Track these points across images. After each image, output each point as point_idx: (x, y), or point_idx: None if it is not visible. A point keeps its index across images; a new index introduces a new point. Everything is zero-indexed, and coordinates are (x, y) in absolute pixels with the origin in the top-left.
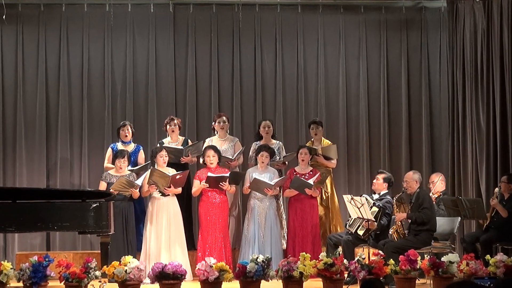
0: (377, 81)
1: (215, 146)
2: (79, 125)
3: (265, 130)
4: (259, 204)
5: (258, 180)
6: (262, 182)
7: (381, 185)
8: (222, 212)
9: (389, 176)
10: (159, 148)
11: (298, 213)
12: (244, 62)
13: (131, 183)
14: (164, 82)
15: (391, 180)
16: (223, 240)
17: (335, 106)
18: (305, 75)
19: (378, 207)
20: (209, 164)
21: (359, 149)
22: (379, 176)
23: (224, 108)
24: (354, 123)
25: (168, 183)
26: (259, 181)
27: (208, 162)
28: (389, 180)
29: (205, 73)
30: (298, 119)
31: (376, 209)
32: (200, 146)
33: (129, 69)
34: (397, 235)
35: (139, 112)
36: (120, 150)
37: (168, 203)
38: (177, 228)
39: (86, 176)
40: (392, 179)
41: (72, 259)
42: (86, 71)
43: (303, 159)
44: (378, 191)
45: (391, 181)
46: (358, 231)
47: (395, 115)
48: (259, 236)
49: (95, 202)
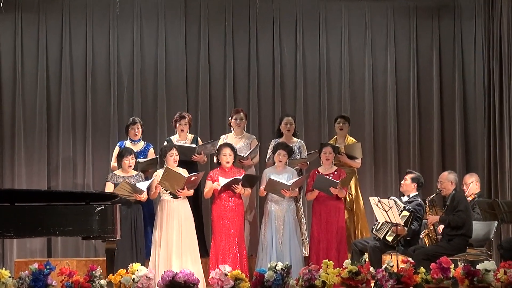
0: (406, 73)
1: (231, 145)
2: (83, 121)
3: (287, 127)
4: (276, 207)
5: (274, 181)
6: (278, 183)
7: (410, 186)
8: (237, 215)
9: (418, 176)
10: (169, 146)
11: (322, 217)
12: (261, 53)
13: (135, 188)
14: (174, 75)
15: (420, 180)
16: (238, 246)
17: (361, 100)
18: (327, 67)
19: (409, 211)
20: (225, 163)
21: (387, 147)
22: (407, 176)
23: (240, 103)
24: (381, 119)
25: (183, 185)
26: (275, 182)
27: (224, 161)
28: (418, 180)
29: (219, 65)
30: (320, 115)
31: (407, 214)
32: (216, 144)
33: (137, 61)
34: (429, 240)
35: (147, 107)
36: (125, 148)
37: (179, 206)
38: (188, 233)
39: (90, 176)
40: (421, 179)
41: (75, 266)
42: (90, 63)
43: (328, 158)
44: (406, 192)
45: (420, 181)
46: (387, 237)
47: (425, 110)
48: (277, 242)
49: (100, 205)
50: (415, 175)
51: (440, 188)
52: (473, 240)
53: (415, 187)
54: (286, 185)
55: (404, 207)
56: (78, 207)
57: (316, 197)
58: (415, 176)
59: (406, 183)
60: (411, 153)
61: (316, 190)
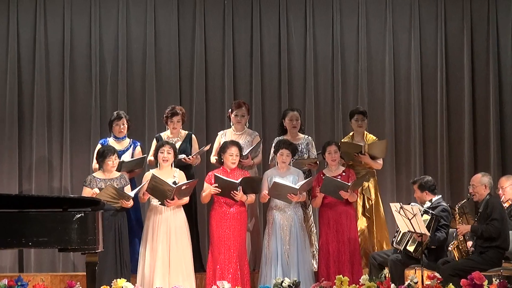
0: (433, 60)
1: (239, 144)
2: (60, 115)
3: (292, 123)
4: (281, 215)
5: (279, 184)
6: (284, 186)
7: (423, 196)
8: (239, 224)
9: (424, 182)
10: (162, 143)
11: (331, 225)
12: (265, 38)
13: (122, 194)
14: (166, 62)
15: (428, 183)
16: (239, 260)
17: (380, 92)
18: (342, 53)
19: (429, 214)
20: (230, 164)
21: (410, 146)
22: (414, 187)
23: (241, 95)
24: (404, 113)
25: (171, 195)
26: (280, 185)
27: (230, 161)
28: (426, 185)
29: (217, 51)
30: (333, 109)
31: (427, 217)
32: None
33: (122, 45)
34: (458, 253)
35: (134, 99)
36: (106, 147)
37: (172, 214)
38: (181, 245)
39: (68, 179)
40: (429, 181)
41: (51, 282)
42: (67, 47)
43: (334, 158)
44: (424, 202)
45: (428, 185)
46: (408, 247)
47: (455, 102)
48: (283, 255)
49: (80, 212)
50: (420, 181)
51: (472, 192)
52: (510, 253)
53: (428, 193)
54: (294, 188)
55: (425, 210)
56: (54, 214)
57: (324, 202)
58: (421, 182)
59: (417, 195)
60: (438, 153)
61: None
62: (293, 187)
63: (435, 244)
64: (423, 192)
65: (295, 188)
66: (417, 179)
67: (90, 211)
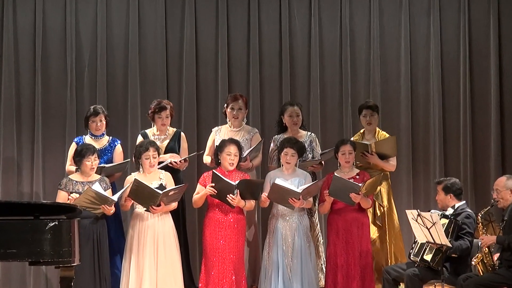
0: (455, 47)
1: (239, 142)
2: (30, 110)
3: (293, 120)
4: (284, 223)
5: (279, 187)
6: (285, 189)
7: (446, 199)
8: (236, 234)
9: (451, 184)
10: (145, 146)
11: (340, 235)
12: (264, 23)
13: (104, 198)
14: (151, 50)
15: (454, 186)
16: (235, 274)
17: (395, 83)
18: (351, 40)
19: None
20: (228, 164)
21: (429, 145)
22: (438, 188)
23: (237, 87)
24: (422, 108)
25: (158, 201)
26: (279, 188)
27: (228, 161)
28: (452, 188)
29: (209, 38)
30: (341, 103)
31: (445, 221)
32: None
33: (101, 31)
34: (483, 267)
35: (115, 92)
36: (84, 145)
37: (159, 220)
38: (170, 256)
39: (40, 183)
40: (456, 185)
41: None
42: (39, 33)
43: (347, 160)
44: (446, 207)
45: (455, 187)
46: (424, 256)
47: (480, 96)
48: (285, 269)
49: (53, 220)
50: (446, 182)
51: (496, 198)
52: None
53: (452, 197)
54: (295, 192)
55: (443, 214)
56: (24, 223)
57: (333, 208)
58: (447, 184)
59: (440, 197)
60: (461, 152)
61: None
62: (295, 191)
63: (456, 252)
64: (448, 195)
65: (296, 192)
66: (442, 180)
67: (65, 219)
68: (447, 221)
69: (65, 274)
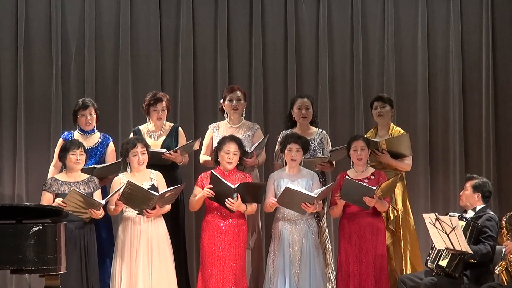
0: (476, 35)
1: (239, 140)
2: (12, 104)
3: (302, 113)
4: (291, 228)
5: (293, 191)
6: (299, 193)
7: (472, 198)
8: (237, 240)
9: (482, 183)
10: (132, 142)
11: (353, 241)
12: (268, 8)
13: (90, 202)
14: (144, 38)
15: (486, 188)
16: (236, 284)
17: (411, 75)
18: (364, 27)
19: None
20: (226, 163)
21: (449, 143)
22: (467, 184)
23: (238, 78)
24: (441, 102)
25: (153, 204)
26: (293, 192)
27: (226, 160)
28: (482, 188)
29: (207, 25)
30: (352, 96)
31: (462, 223)
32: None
33: (89, 18)
34: (508, 276)
35: (105, 84)
36: (70, 140)
37: (150, 227)
38: (164, 261)
39: (22, 184)
40: (487, 186)
41: None
42: (22, 20)
43: (360, 157)
44: (468, 206)
45: (486, 190)
46: (440, 262)
47: (504, 88)
48: (291, 278)
49: (37, 224)
50: (478, 180)
51: None
52: None
53: (479, 198)
54: (310, 196)
55: (460, 216)
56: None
57: (345, 211)
58: (478, 182)
59: (466, 194)
60: (483, 151)
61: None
62: (310, 195)
63: (474, 257)
64: (475, 193)
65: (312, 197)
66: (475, 176)
67: (50, 223)
68: (464, 223)
69: (50, 283)
